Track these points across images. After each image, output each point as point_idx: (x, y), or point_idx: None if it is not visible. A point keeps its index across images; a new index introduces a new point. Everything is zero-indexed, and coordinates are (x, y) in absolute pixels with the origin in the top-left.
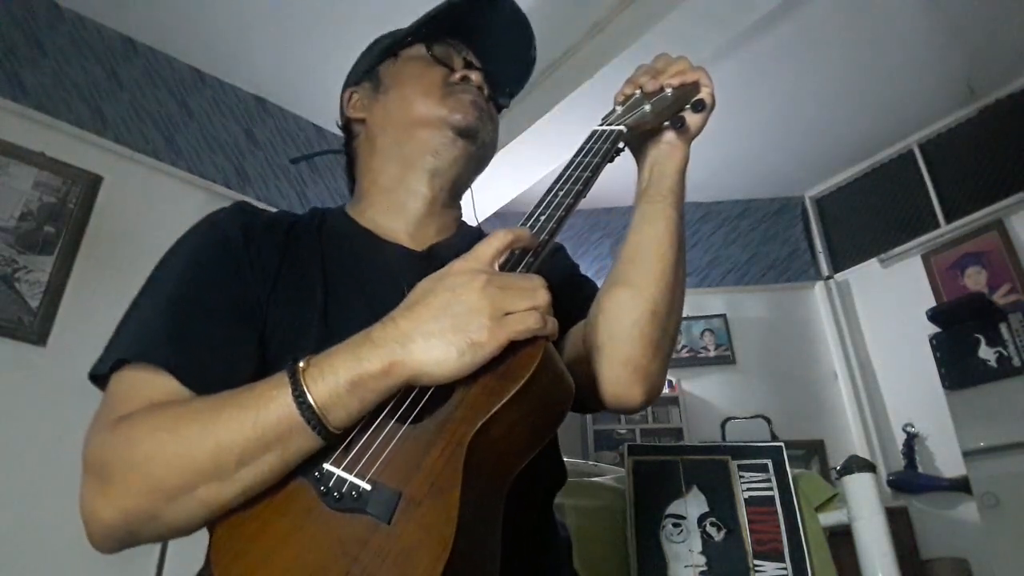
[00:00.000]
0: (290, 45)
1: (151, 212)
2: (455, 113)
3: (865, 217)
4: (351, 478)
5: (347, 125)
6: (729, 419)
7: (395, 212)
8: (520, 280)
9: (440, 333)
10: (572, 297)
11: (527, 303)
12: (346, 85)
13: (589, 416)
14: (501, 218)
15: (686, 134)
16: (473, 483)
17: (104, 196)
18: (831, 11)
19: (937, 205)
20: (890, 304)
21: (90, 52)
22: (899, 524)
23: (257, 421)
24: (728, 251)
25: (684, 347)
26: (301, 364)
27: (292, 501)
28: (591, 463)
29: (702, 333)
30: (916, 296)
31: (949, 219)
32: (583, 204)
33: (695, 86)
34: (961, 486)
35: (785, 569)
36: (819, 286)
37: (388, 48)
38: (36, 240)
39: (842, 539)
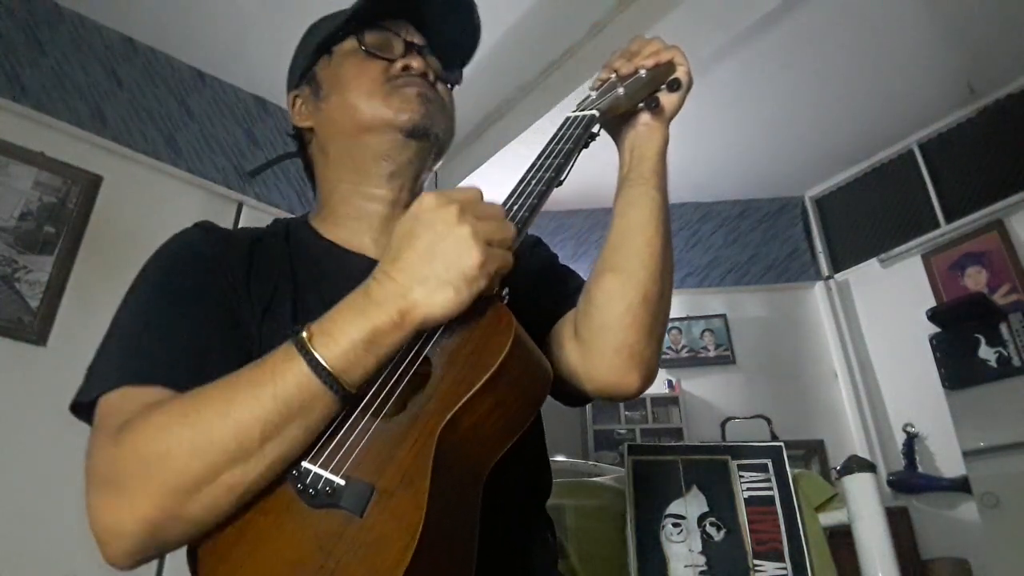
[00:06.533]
0: (290, 45)
1: (151, 212)
2: (401, 113)
3: (865, 217)
4: (326, 474)
5: (298, 132)
6: (729, 419)
7: (356, 220)
8: (489, 208)
9: (435, 276)
10: (557, 288)
11: (502, 233)
12: (289, 86)
13: (589, 416)
14: None
15: (662, 115)
16: (444, 473)
17: (104, 196)
18: (831, 11)
19: (937, 205)
20: (890, 304)
21: (90, 52)
22: (899, 524)
23: (276, 394)
24: (728, 251)
25: (684, 347)
26: (304, 333)
27: (273, 500)
28: (591, 463)
29: (702, 333)
30: (916, 296)
31: (949, 219)
32: (583, 204)
33: (670, 65)
34: (961, 486)
35: (785, 569)
36: (819, 286)
37: (321, 45)
38: (36, 240)
39: (842, 539)
